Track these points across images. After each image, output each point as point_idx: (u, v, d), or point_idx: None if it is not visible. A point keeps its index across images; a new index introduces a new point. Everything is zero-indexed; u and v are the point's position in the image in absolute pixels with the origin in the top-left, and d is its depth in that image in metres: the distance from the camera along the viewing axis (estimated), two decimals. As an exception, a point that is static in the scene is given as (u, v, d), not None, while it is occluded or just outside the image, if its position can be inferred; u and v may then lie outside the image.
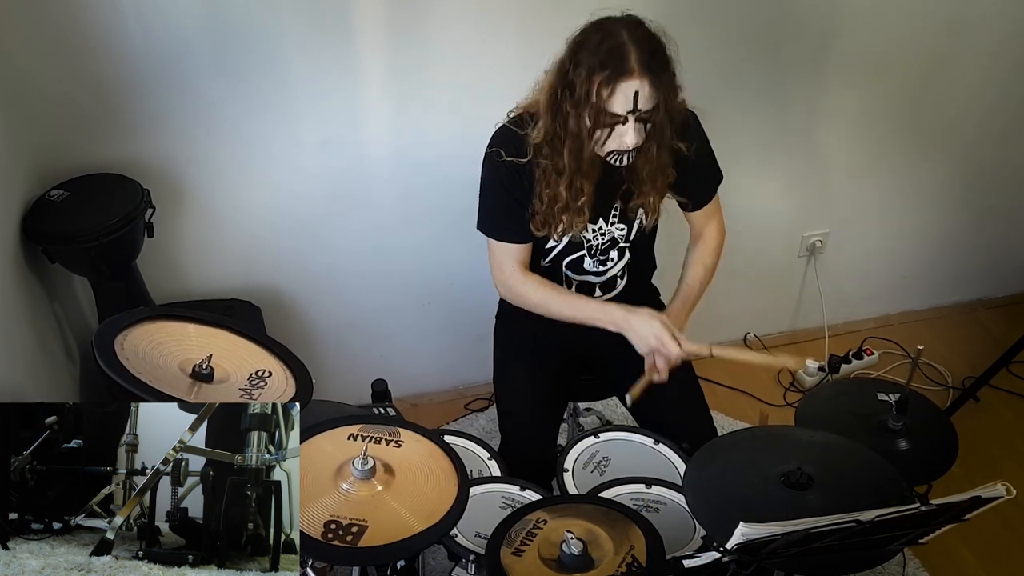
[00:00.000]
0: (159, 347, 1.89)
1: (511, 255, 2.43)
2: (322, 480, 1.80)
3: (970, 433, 2.33)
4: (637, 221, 2.44)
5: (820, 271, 3.81)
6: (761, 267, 3.73)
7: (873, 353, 3.87)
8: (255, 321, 2.99)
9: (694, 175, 2.42)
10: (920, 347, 2.30)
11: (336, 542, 1.70)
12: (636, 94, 2.06)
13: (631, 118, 2.10)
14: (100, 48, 2.57)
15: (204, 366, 1.87)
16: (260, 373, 1.95)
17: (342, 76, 2.81)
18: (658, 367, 2.33)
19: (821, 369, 3.74)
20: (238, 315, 2.96)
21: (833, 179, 3.58)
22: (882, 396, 2.31)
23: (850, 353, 3.84)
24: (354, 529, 1.72)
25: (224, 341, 2.01)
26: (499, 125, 2.36)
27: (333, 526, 1.73)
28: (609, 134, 2.14)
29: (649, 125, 2.15)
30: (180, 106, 2.73)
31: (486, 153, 2.36)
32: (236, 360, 1.97)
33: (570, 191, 2.27)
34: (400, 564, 2.26)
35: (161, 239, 2.80)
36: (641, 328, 2.30)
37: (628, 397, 2.41)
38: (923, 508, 1.63)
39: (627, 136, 2.12)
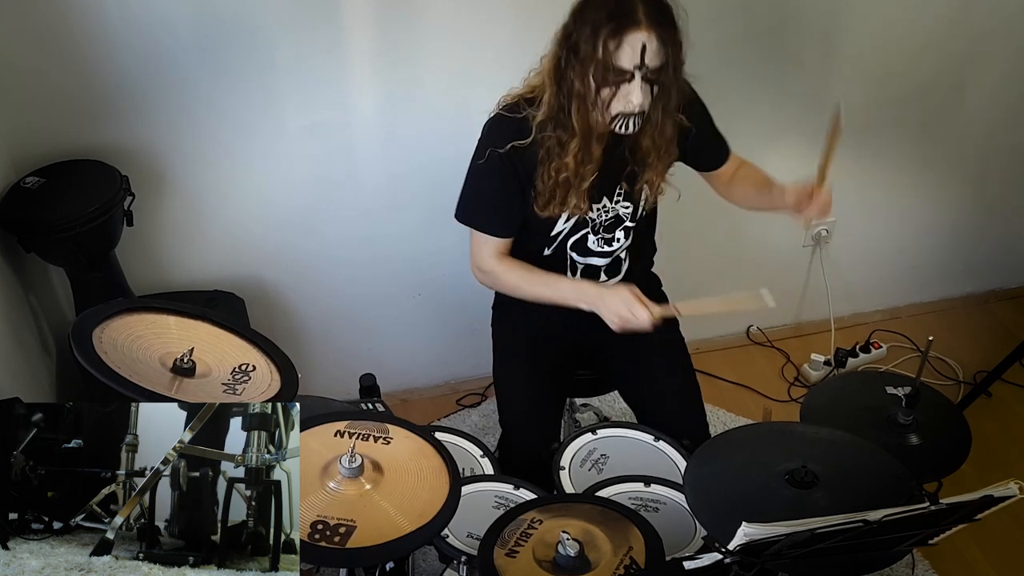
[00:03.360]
0: (138, 340, 1.89)
1: (492, 245, 2.45)
2: (308, 479, 1.80)
3: (982, 430, 2.33)
4: (643, 199, 2.45)
5: (826, 261, 3.81)
6: (765, 257, 3.72)
7: (881, 346, 3.87)
8: (238, 313, 2.99)
9: (702, 140, 2.48)
10: (931, 338, 2.29)
11: (323, 543, 1.71)
12: (643, 47, 2.07)
13: (638, 75, 2.11)
14: (77, 28, 2.55)
15: (185, 360, 1.87)
16: (243, 367, 1.95)
17: (329, 58, 2.80)
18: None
19: (827, 363, 3.74)
20: (221, 307, 2.95)
21: (840, 167, 3.54)
22: (891, 390, 2.31)
23: (857, 346, 3.84)
24: (342, 529, 1.73)
25: (206, 334, 2.00)
26: (492, 115, 2.36)
27: (320, 526, 1.73)
28: (615, 93, 2.15)
29: (656, 88, 2.16)
30: (161, 90, 2.72)
31: (480, 145, 2.36)
32: (218, 354, 1.96)
33: (577, 157, 2.26)
34: (389, 566, 2.26)
35: (141, 228, 2.80)
36: (612, 301, 2.29)
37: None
38: (933, 507, 1.63)
39: (633, 95, 2.13)
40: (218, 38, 2.68)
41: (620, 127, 2.21)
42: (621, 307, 2.26)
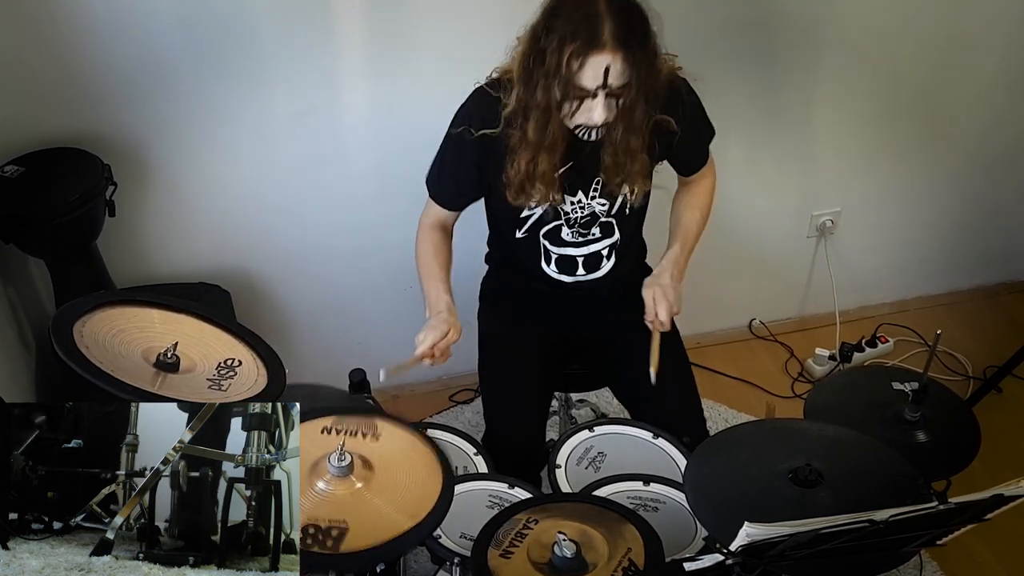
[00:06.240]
0: (121, 334, 1.89)
1: (435, 212, 2.55)
2: (297, 478, 1.81)
3: (992, 426, 2.32)
4: (621, 196, 2.43)
5: (831, 253, 3.81)
6: (767, 249, 3.73)
7: (888, 340, 3.87)
8: (224, 306, 2.99)
9: (686, 143, 2.44)
10: (939, 332, 2.29)
11: (316, 548, 1.70)
12: (607, 69, 2.06)
13: (601, 93, 2.10)
14: (57, 12, 2.55)
15: (169, 355, 1.87)
16: (229, 362, 1.95)
17: (317, 41, 2.80)
18: (660, 318, 2.37)
19: (832, 358, 3.74)
20: (206, 300, 2.95)
21: (845, 155, 3.57)
22: (898, 385, 2.31)
23: (863, 340, 3.84)
24: (334, 532, 1.72)
25: (190, 328, 2.00)
26: (477, 86, 2.36)
27: (312, 531, 1.73)
28: (578, 107, 2.15)
29: (622, 101, 2.14)
30: (144, 76, 2.71)
31: (456, 116, 2.38)
32: (203, 348, 1.96)
33: (530, 165, 2.27)
34: (380, 567, 2.26)
35: (123, 218, 2.79)
36: (428, 329, 2.43)
37: (652, 372, 2.37)
38: (941, 507, 1.63)
39: (595, 112, 2.12)
40: (203, 23, 2.67)
41: (583, 135, 2.22)
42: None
